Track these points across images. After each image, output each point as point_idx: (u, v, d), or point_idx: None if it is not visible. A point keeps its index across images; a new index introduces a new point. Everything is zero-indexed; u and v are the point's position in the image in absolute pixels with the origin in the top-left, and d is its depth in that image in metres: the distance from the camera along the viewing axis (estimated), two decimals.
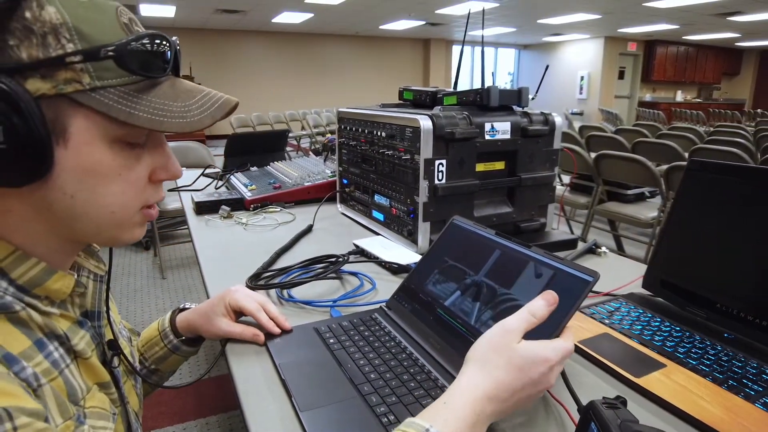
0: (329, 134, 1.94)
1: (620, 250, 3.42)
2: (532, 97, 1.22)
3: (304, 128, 8.50)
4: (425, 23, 10.27)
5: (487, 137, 1.13)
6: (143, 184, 0.51)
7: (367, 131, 1.29)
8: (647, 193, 3.23)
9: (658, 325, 0.79)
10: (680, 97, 14.26)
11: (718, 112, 12.14)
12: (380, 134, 1.22)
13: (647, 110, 11.92)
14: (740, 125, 7.12)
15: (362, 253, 1.13)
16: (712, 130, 5.94)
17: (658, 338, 0.75)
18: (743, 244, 0.77)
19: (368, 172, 1.33)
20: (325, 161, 1.87)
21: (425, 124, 1.05)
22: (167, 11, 8.38)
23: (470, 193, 1.14)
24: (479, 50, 1.34)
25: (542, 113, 1.20)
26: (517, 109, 1.20)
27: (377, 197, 1.30)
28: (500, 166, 1.19)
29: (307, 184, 1.61)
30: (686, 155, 3.49)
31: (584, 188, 3.33)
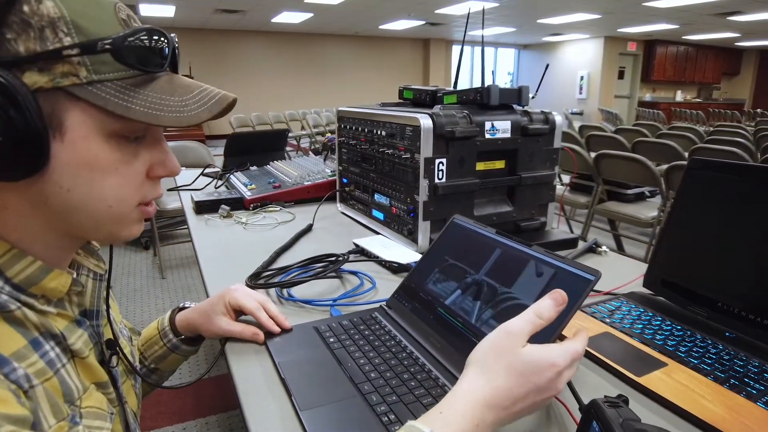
0: (329, 134, 1.94)
1: (620, 249, 3.41)
2: (532, 96, 1.22)
3: (303, 128, 8.50)
4: (425, 23, 10.27)
5: (487, 136, 1.12)
6: (141, 179, 0.51)
7: (367, 130, 1.29)
8: (647, 192, 3.23)
9: (659, 324, 0.79)
10: (680, 96, 14.26)
11: (717, 111, 12.14)
12: (380, 133, 1.22)
13: (647, 110, 11.92)
14: (740, 125, 7.12)
15: (362, 252, 1.13)
16: (712, 129, 5.94)
17: (659, 337, 0.75)
18: (744, 242, 0.77)
19: (368, 171, 1.33)
20: (324, 160, 1.87)
21: (425, 122, 1.05)
22: (167, 11, 8.38)
23: (470, 192, 1.14)
24: (479, 50, 1.34)
25: (542, 112, 1.20)
26: (517, 107, 1.20)
27: (377, 196, 1.30)
28: (500, 165, 1.18)
29: (306, 183, 1.61)
30: (686, 155, 3.49)
31: (584, 188, 3.33)
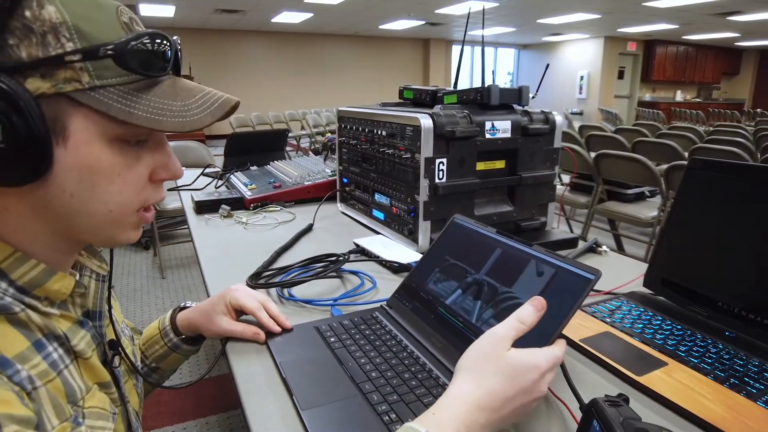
0: (329, 134, 1.94)
1: (620, 249, 3.42)
2: (532, 96, 1.22)
3: (303, 128, 8.50)
4: (425, 23, 10.27)
5: (487, 136, 1.12)
6: (143, 183, 0.51)
7: (367, 130, 1.29)
8: (647, 192, 3.23)
9: (659, 323, 0.79)
10: (680, 96, 14.26)
11: (717, 111, 12.14)
12: (380, 133, 1.22)
13: (647, 110, 11.92)
14: (740, 125, 7.13)
15: (363, 252, 1.13)
16: (711, 129, 5.94)
17: (659, 336, 0.75)
18: (744, 242, 0.77)
19: (368, 171, 1.33)
20: (325, 160, 1.87)
21: (426, 122, 1.05)
22: (167, 11, 8.37)
23: (471, 191, 1.14)
24: (479, 50, 1.34)
25: (543, 112, 1.20)
26: (517, 107, 1.20)
27: (378, 196, 1.30)
28: (501, 164, 1.18)
29: (307, 183, 1.61)
30: (686, 155, 3.49)
31: (584, 188, 3.33)
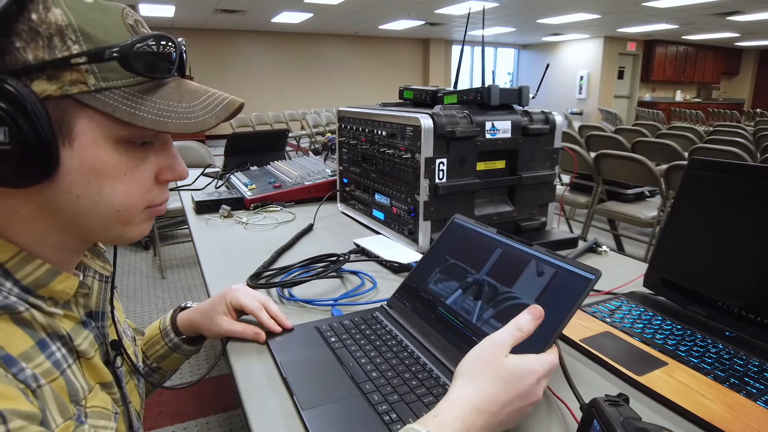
0: (329, 134, 1.94)
1: (620, 249, 3.42)
2: (532, 96, 1.22)
3: (303, 128, 8.50)
4: (424, 23, 10.27)
5: (487, 136, 1.13)
6: (149, 184, 0.51)
7: (367, 130, 1.29)
8: (647, 192, 3.24)
9: (659, 323, 0.79)
10: (679, 96, 14.26)
11: (717, 111, 12.15)
12: (381, 133, 1.22)
13: (647, 110, 11.92)
14: (740, 125, 7.13)
15: (363, 252, 1.13)
16: (711, 129, 5.94)
17: (659, 336, 0.75)
18: (744, 242, 0.77)
19: (369, 171, 1.33)
20: (325, 160, 1.87)
21: (426, 122, 1.05)
22: (166, 11, 8.38)
23: (471, 191, 1.14)
24: (479, 50, 1.34)
25: (543, 112, 1.20)
26: (517, 108, 1.20)
27: (378, 196, 1.30)
28: (501, 164, 1.19)
29: (307, 183, 1.61)
30: (686, 155, 3.49)
31: (584, 188, 3.33)
